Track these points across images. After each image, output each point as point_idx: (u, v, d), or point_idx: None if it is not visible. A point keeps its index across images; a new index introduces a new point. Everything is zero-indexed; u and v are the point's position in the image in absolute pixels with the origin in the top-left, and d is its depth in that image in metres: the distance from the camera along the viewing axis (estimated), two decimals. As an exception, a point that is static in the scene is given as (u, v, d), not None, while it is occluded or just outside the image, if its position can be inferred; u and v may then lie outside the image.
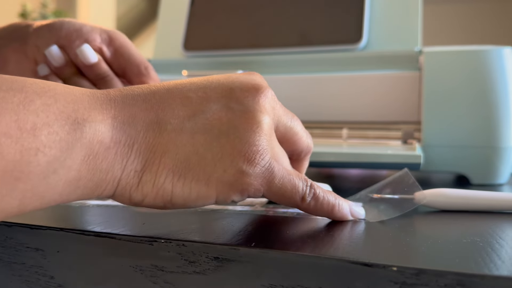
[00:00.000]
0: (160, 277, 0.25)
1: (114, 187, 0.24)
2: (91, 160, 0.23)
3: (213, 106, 0.26)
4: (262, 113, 0.26)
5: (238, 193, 0.26)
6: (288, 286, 0.22)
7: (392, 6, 0.54)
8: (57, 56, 0.41)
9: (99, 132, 0.23)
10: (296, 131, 0.30)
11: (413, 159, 0.41)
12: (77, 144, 0.22)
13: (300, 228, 0.27)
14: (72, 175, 0.22)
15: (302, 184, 0.27)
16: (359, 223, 0.28)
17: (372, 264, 0.20)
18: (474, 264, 0.20)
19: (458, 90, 0.45)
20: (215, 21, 0.60)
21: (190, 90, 0.26)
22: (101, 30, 0.43)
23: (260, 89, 0.27)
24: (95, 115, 0.23)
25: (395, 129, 0.51)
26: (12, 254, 0.28)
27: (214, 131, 0.25)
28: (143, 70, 0.43)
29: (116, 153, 0.24)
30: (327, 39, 0.54)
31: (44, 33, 0.42)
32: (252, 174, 0.25)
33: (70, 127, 0.22)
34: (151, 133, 0.25)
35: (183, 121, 0.25)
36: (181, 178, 0.25)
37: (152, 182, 0.24)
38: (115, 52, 0.43)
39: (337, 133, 0.52)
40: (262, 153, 0.26)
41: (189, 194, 0.25)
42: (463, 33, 1.91)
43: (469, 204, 0.32)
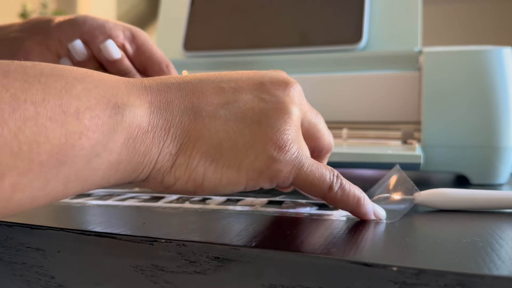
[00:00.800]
0: (160, 277, 0.25)
1: (149, 170, 0.25)
2: (131, 143, 0.23)
3: (245, 96, 0.27)
4: (292, 104, 0.27)
5: (268, 180, 0.26)
6: (288, 286, 0.22)
7: (392, 6, 0.54)
8: (80, 51, 0.42)
9: (138, 116, 0.24)
10: (319, 128, 0.31)
11: (413, 159, 0.41)
12: (118, 128, 0.23)
13: (300, 228, 0.27)
14: (114, 158, 0.23)
15: (329, 174, 0.28)
16: (360, 223, 0.28)
17: (372, 264, 0.20)
18: (474, 264, 0.20)
19: (458, 90, 0.45)
20: (215, 21, 0.60)
21: (222, 81, 0.27)
22: (124, 27, 0.43)
23: (290, 83, 0.28)
24: (134, 100, 0.24)
25: (395, 129, 0.51)
26: (13, 254, 0.28)
27: (247, 119, 0.26)
28: (164, 68, 0.43)
29: (154, 137, 0.24)
30: (327, 39, 0.54)
31: (67, 27, 0.42)
32: (282, 161, 0.26)
33: (111, 111, 0.22)
34: (187, 118, 0.25)
35: (217, 108, 0.26)
36: (213, 163, 0.25)
37: (185, 166, 0.25)
38: (138, 49, 0.43)
39: (337, 133, 0.52)
40: (292, 142, 0.26)
41: (220, 179, 0.26)
42: (463, 33, 1.91)
43: (469, 204, 0.32)
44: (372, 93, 0.51)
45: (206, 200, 0.36)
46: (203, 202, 0.35)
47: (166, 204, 0.34)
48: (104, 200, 0.35)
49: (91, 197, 0.37)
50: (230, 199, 0.36)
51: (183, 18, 0.62)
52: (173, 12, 0.64)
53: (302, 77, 0.54)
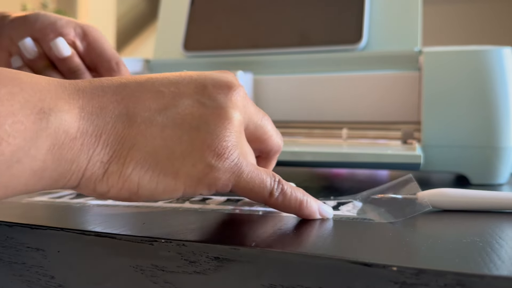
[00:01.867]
0: (160, 277, 0.25)
1: (79, 178, 0.24)
2: (56, 150, 0.23)
3: (185, 101, 0.26)
4: (233, 109, 0.27)
5: (206, 187, 0.26)
6: (288, 286, 0.22)
7: (392, 6, 0.54)
8: (30, 49, 0.41)
9: (65, 122, 0.23)
10: (266, 130, 0.30)
11: (413, 159, 0.41)
12: (42, 134, 0.22)
13: (300, 228, 0.27)
14: (37, 165, 0.22)
15: (270, 179, 0.27)
16: (360, 223, 0.28)
17: (372, 264, 0.20)
18: (473, 264, 0.20)
19: (458, 90, 0.45)
20: (215, 21, 0.60)
21: (162, 84, 0.26)
22: (76, 24, 0.43)
23: (233, 86, 0.27)
24: (62, 105, 0.23)
25: (395, 129, 0.51)
26: (13, 254, 0.28)
27: (185, 126, 0.25)
28: (114, 66, 0.43)
29: (83, 144, 0.23)
30: (327, 39, 0.54)
31: (19, 25, 0.42)
32: (220, 169, 0.25)
33: (35, 117, 0.22)
34: (120, 124, 0.24)
35: (154, 114, 0.25)
36: (149, 171, 0.25)
37: (118, 173, 0.24)
38: (88, 46, 0.43)
39: (337, 133, 0.53)
40: (231, 149, 0.26)
41: (156, 187, 0.25)
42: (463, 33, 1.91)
43: (469, 204, 0.32)
44: (372, 93, 0.51)
45: (206, 200, 0.36)
46: (203, 202, 0.35)
47: (166, 204, 0.34)
48: (104, 200, 0.35)
49: (91, 197, 0.37)
50: (230, 199, 0.36)
51: (183, 18, 0.62)
52: (173, 12, 0.64)
53: (302, 77, 0.54)
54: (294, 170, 0.58)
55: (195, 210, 0.32)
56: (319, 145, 0.49)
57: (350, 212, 0.31)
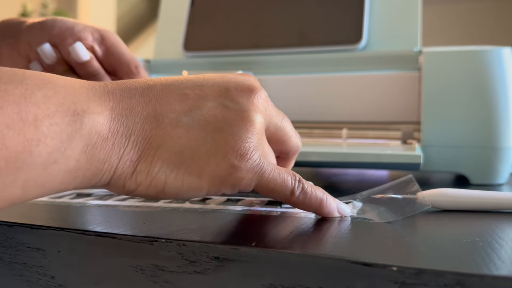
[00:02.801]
0: (160, 276, 0.25)
1: (110, 176, 0.25)
2: (90, 150, 0.23)
3: (209, 103, 0.27)
4: (255, 112, 0.28)
5: (229, 187, 0.27)
6: (288, 286, 0.22)
7: (392, 6, 0.54)
8: (49, 54, 0.42)
9: (98, 123, 0.24)
10: (286, 131, 0.31)
11: (412, 159, 0.41)
12: (77, 135, 0.23)
13: (300, 228, 0.27)
14: (72, 164, 0.23)
15: (291, 179, 0.28)
16: (359, 223, 0.28)
17: (372, 264, 0.20)
18: (473, 264, 0.20)
19: (457, 90, 0.46)
20: (215, 21, 0.60)
21: (187, 87, 0.27)
22: (93, 29, 0.43)
23: (255, 89, 0.28)
24: (94, 107, 0.24)
25: (395, 129, 0.51)
26: (13, 254, 0.28)
27: (209, 127, 0.26)
28: (133, 69, 0.44)
29: (114, 144, 0.24)
30: (327, 39, 0.54)
31: (37, 30, 0.42)
32: (243, 169, 0.26)
33: (70, 118, 0.23)
34: (148, 125, 0.25)
35: (180, 116, 0.26)
36: (175, 170, 0.26)
37: (146, 172, 0.25)
38: (107, 50, 0.44)
39: (337, 133, 0.53)
40: (253, 150, 0.27)
41: (181, 185, 0.26)
42: (463, 33, 1.91)
43: (469, 204, 0.32)
44: (372, 93, 0.51)
45: (206, 200, 0.36)
46: (203, 202, 0.35)
47: (166, 204, 0.34)
48: (104, 200, 0.35)
49: (91, 197, 0.37)
50: (230, 199, 0.36)
51: (183, 18, 0.62)
52: (173, 12, 0.64)
53: (302, 77, 0.54)
54: (294, 170, 0.58)
55: (195, 210, 0.32)
56: (319, 145, 0.49)
57: (350, 212, 0.31)
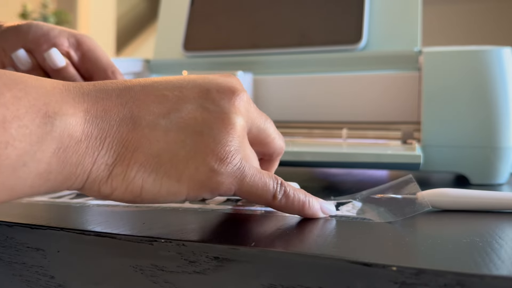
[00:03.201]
0: (160, 276, 0.25)
1: (83, 180, 0.24)
2: (61, 153, 0.23)
3: (188, 105, 0.26)
4: (236, 114, 0.27)
5: (209, 191, 0.26)
6: (288, 286, 0.22)
7: (392, 6, 0.54)
8: (24, 60, 0.41)
9: (70, 125, 0.23)
10: (269, 133, 0.31)
11: (412, 159, 0.41)
12: (48, 138, 0.22)
13: (301, 228, 0.27)
14: (42, 168, 0.22)
15: (272, 182, 0.28)
16: (360, 223, 0.28)
17: (372, 264, 0.20)
18: (473, 264, 0.20)
19: (457, 90, 0.45)
20: (215, 21, 0.60)
21: (166, 88, 0.27)
22: (69, 34, 0.43)
23: (236, 91, 0.28)
24: (67, 109, 0.23)
25: (395, 129, 0.51)
26: (13, 254, 0.28)
27: (189, 130, 0.26)
28: (110, 74, 0.43)
29: (87, 147, 0.24)
30: (327, 39, 0.54)
31: (11, 36, 0.41)
32: (223, 173, 0.26)
33: (40, 121, 0.22)
34: (125, 127, 0.25)
35: (158, 118, 0.26)
36: (152, 174, 0.25)
37: (122, 176, 0.25)
38: (83, 56, 0.43)
39: (337, 133, 0.53)
40: (234, 153, 0.26)
41: (159, 189, 0.25)
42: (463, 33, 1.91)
43: (469, 204, 0.32)
44: (372, 93, 0.51)
45: (206, 200, 0.36)
46: (203, 202, 0.35)
47: (166, 204, 0.34)
48: (104, 200, 0.35)
49: (95, 198, 0.37)
50: (230, 199, 0.36)
51: (183, 18, 0.62)
52: (173, 12, 0.64)
53: (302, 77, 0.54)
54: (294, 170, 0.58)
55: (195, 210, 0.32)
56: (319, 145, 0.49)
57: (349, 212, 0.31)
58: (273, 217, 0.30)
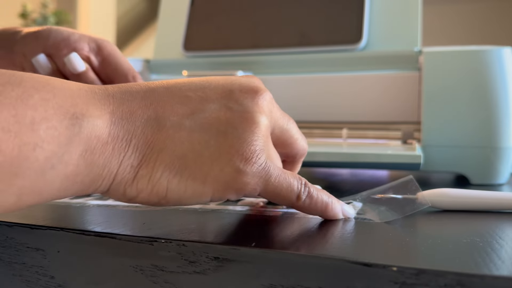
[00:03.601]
0: (160, 277, 0.25)
1: (110, 182, 0.24)
2: (89, 155, 0.23)
3: (212, 105, 0.26)
4: (260, 114, 0.27)
5: (234, 192, 0.26)
6: (288, 286, 0.22)
7: (392, 6, 0.54)
8: (44, 65, 0.41)
9: (97, 127, 0.23)
10: (291, 134, 0.31)
11: (413, 159, 0.41)
12: (75, 139, 0.22)
13: (300, 228, 0.27)
14: (70, 170, 0.22)
15: (297, 183, 0.27)
16: (359, 223, 0.28)
17: (372, 264, 0.20)
18: (474, 264, 0.20)
19: (458, 90, 0.45)
20: (215, 21, 0.60)
21: (190, 89, 0.27)
22: (90, 39, 0.43)
23: (259, 91, 0.27)
24: (93, 110, 0.23)
25: (395, 129, 0.51)
26: (13, 254, 0.28)
27: (213, 130, 0.25)
28: (131, 79, 0.43)
29: (114, 148, 0.24)
30: (327, 39, 0.54)
31: (31, 41, 0.41)
32: (249, 173, 0.25)
33: (68, 122, 0.22)
34: (150, 129, 0.25)
35: (182, 119, 0.25)
36: (177, 175, 0.25)
37: (147, 178, 0.25)
38: (103, 61, 0.43)
39: (337, 133, 0.52)
40: (259, 153, 0.26)
41: (185, 191, 0.25)
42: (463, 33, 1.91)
43: (469, 204, 0.32)
44: (372, 93, 0.51)
45: (206, 200, 0.36)
46: (231, 199, 0.35)
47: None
48: (104, 200, 0.35)
49: (91, 197, 0.37)
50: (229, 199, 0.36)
51: (183, 18, 0.62)
52: (173, 12, 0.64)
53: (302, 77, 0.54)
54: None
55: (195, 210, 0.32)
56: (319, 145, 0.49)
57: (354, 214, 0.31)
58: (273, 217, 0.30)
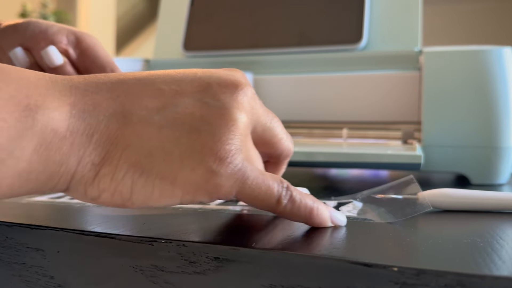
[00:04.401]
0: (160, 277, 0.25)
1: (68, 181, 0.22)
2: (43, 151, 0.21)
3: (186, 100, 0.24)
4: (239, 110, 0.25)
5: (207, 195, 0.24)
6: (288, 286, 0.22)
7: (392, 6, 0.54)
8: (21, 58, 0.40)
9: (54, 120, 0.21)
10: (275, 133, 0.28)
11: (413, 159, 0.41)
12: (28, 133, 0.20)
13: (300, 228, 0.27)
14: (22, 166, 0.21)
15: (277, 186, 0.25)
16: (359, 223, 0.28)
17: (372, 264, 0.20)
18: (474, 264, 0.20)
19: (458, 90, 0.45)
20: (215, 21, 0.60)
21: (164, 82, 0.24)
22: (68, 31, 0.42)
23: (240, 85, 0.25)
24: (51, 102, 0.21)
25: (395, 129, 0.51)
26: (12, 254, 0.28)
27: (185, 126, 0.23)
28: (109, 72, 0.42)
29: (73, 144, 0.22)
30: (327, 39, 0.54)
31: (9, 34, 0.41)
32: (223, 175, 0.23)
33: (20, 114, 0.20)
34: (114, 123, 0.23)
35: (151, 114, 0.23)
36: (144, 175, 0.23)
37: (110, 177, 0.23)
38: (82, 53, 0.42)
39: (337, 133, 0.52)
40: (234, 153, 0.24)
41: (152, 192, 0.23)
42: (463, 33, 1.91)
43: (469, 204, 0.32)
44: (372, 93, 0.51)
45: (206, 200, 0.36)
46: (203, 202, 0.35)
47: (166, 204, 0.34)
48: (92, 203, 0.35)
49: (83, 201, 0.37)
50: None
51: (183, 18, 0.62)
52: (173, 12, 0.64)
53: (301, 77, 0.54)
54: (294, 170, 0.58)
55: (195, 210, 0.32)
56: (319, 145, 0.49)
57: (350, 213, 0.31)
58: (273, 217, 0.30)
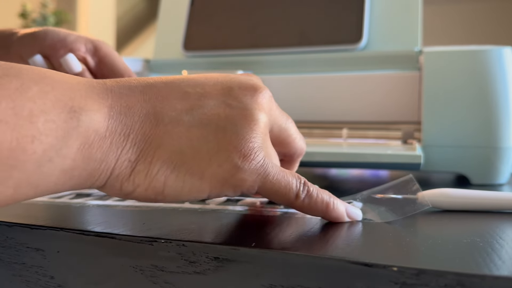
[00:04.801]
0: (160, 277, 0.25)
1: (106, 177, 0.24)
2: (86, 149, 0.23)
3: (211, 102, 0.26)
4: (259, 111, 0.27)
5: (232, 189, 0.26)
6: (288, 286, 0.22)
7: (392, 6, 0.54)
8: (40, 66, 0.41)
9: (95, 121, 0.23)
10: (290, 133, 0.31)
11: (413, 159, 0.41)
12: (73, 133, 0.22)
13: (300, 228, 0.27)
14: (67, 164, 0.22)
15: (296, 181, 0.27)
16: (359, 223, 0.28)
17: (372, 264, 0.20)
18: (474, 264, 0.20)
19: (458, 90, 0.45)
20: (215, 21, 0.60)
21: (189, 85, 0.27)
22: (86, 40, 0.43)
23: (259, 89, 0.28)
24: (91, 104, 0.23)
25: (395, 129, 0.51)
26: (12, 254, 0.28)
27: (211, 126, 0.26)
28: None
29: (111, 143, 0.24)
30: (327, 39, 0.54)
31: (28, 42, 0.42)
32: (247, 170, 0.25)
33: (66, 115, 0.22)
34: (148, 124, 0.25)
35: (180, 114, 0.25)
36: (175, 171, 0.25)
37: (145, 173, 0.24)
38: (99, 62, 0.43)
39: (337, 133, 0.52)
40: (257, 150, 0.26)
41: (182, 187, 0.25)
42: (463, 33, 1.91)
43: (469, 204, 0.32)
44: (372, 93, 0.51)
45: (206, 200, 0.36)
46: (203, 202, 0.35)
47: (166, 204, 0.34)
48: (104, 200, 0.35)
49: (91, 197, 0.37)
50: (230, 199, 0.36)
51: (183, 18, 0.62)
52: (173, 12, 0.64)
53: (302, 77, 0.54)
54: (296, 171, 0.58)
55: (195, 210, 0.32)
56: (319, 145, 0.49)
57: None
58: (274, 217, 0.30)
